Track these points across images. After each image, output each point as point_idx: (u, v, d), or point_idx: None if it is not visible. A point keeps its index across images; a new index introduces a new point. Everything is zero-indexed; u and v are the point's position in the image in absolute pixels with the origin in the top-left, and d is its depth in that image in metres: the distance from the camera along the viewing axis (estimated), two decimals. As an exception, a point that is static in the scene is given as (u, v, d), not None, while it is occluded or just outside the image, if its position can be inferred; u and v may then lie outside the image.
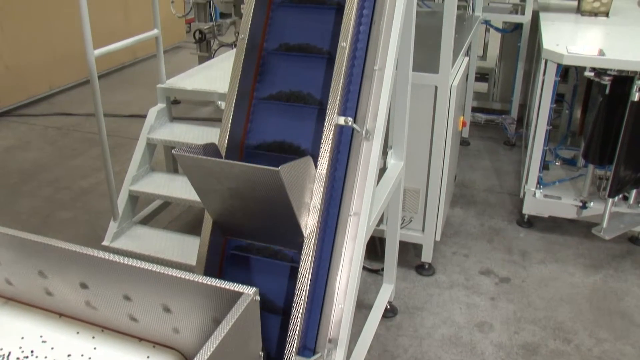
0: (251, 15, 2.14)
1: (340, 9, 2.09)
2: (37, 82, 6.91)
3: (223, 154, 2.04)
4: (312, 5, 2.19)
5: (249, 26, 2.13)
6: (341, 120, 1.90)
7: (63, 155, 5.36)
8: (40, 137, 5.80)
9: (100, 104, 3.09)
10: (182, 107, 6.24)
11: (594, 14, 4.78)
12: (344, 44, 1.95)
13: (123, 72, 8.00)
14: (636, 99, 3.33)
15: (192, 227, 4.05)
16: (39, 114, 6.45)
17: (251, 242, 2.11)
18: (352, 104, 2.04)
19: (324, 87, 2.10)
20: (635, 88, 3.32)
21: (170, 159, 3.98)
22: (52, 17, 6.90)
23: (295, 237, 1.91)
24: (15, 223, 4.18)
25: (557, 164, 4.47)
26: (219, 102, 2.16)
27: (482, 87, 6.19)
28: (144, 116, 3.59)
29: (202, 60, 6.29)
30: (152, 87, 3.82)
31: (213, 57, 6.21)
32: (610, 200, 3.62)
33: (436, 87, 3.16)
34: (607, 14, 4.75)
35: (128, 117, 6.20)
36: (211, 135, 3.37)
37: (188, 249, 3.20)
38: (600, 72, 3.52)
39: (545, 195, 3.96)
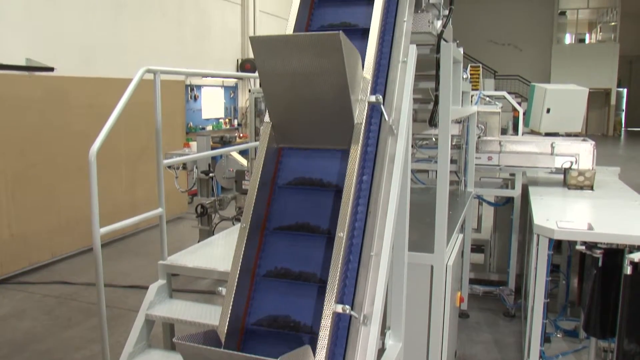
0: (244, 246, 2.20)
1: (330, 240, 2.16)
2: (40, 249, 7.01)
3: (222, 341, 2.05)
4: (306, 234, 2.24)
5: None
6: (339, 308, 1.94)
7: (58, 326, 5.28)
8: (36, 306, 5.76)
9: (102, 278, 3.11)
10: (181, 279, 6.25)
11: (580, 187, 5.02)
12: (341, 234, 2.04)
13: (125, 241, 8.15)
14: (629, 272, 3.35)
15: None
16: (38, 282, 6.47)
17: None
18: (349, 289, 2.09)
19: (315, 314, 2.11)
20: (626, 261, 3.36)
21: (169, 334, 3.93)
22: (58, 185, 7.19)
23: None
24: (-2, 402, 4.04)
25: (558, 336, 4.42)
26: (220, 288, 2.20)
27: (479, 258, 6.29)
28: (143, 287, 3.59)
29: (203, 233, 6.46)
30: (152, 258, 3.86)
31: (214, 232, 6.37)
32: (618, 376, 3.52)
33: (432, 267, 3.23)
34: (591, 187, 4.98)
35: (126, 288, 6.19)
36: (210, 313, 3.37)
37: None
38: (591, 245, 3.60)
39: (549, 371, 3.87)
